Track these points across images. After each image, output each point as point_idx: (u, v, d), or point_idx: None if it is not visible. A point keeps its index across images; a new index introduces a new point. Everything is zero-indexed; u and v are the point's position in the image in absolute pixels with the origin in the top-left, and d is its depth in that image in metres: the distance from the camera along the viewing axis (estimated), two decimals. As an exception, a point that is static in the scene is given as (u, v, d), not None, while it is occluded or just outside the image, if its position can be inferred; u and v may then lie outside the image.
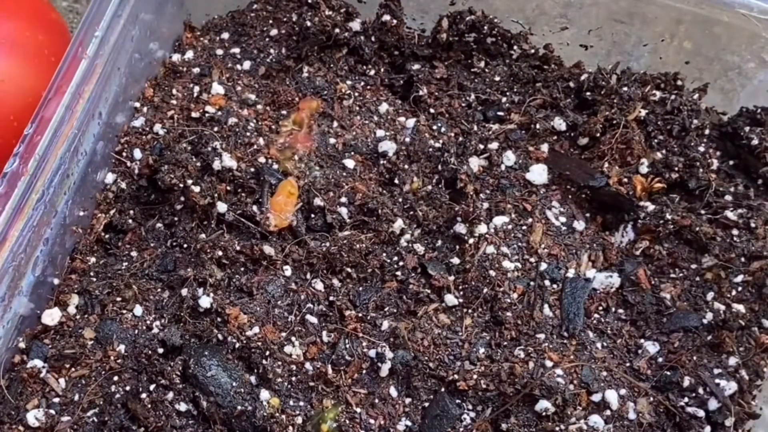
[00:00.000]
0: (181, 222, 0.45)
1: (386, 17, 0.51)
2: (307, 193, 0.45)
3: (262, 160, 0.46)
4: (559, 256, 0.45)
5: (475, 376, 0.41)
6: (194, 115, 0.48)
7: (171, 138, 0.47)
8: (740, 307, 0.43)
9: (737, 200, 0.46)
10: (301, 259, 0.44)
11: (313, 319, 0.43)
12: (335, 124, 0.49)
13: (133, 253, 0.45)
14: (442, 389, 0.41)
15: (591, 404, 0.41)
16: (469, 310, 0.43)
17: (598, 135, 0.48)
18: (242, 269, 0.44)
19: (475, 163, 0.47)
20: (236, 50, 0.51)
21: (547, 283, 0.44)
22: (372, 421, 0.40)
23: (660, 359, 0.43)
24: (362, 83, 0.51)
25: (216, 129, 0.46)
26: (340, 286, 0.44)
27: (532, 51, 0.51)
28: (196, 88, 0.49)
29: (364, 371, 0.41)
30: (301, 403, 0.41)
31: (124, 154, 0.48)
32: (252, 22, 0.52)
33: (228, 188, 0.45)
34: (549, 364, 0.41)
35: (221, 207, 0.44)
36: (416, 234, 0.46)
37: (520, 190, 0.47)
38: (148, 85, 0.50)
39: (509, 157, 0.48)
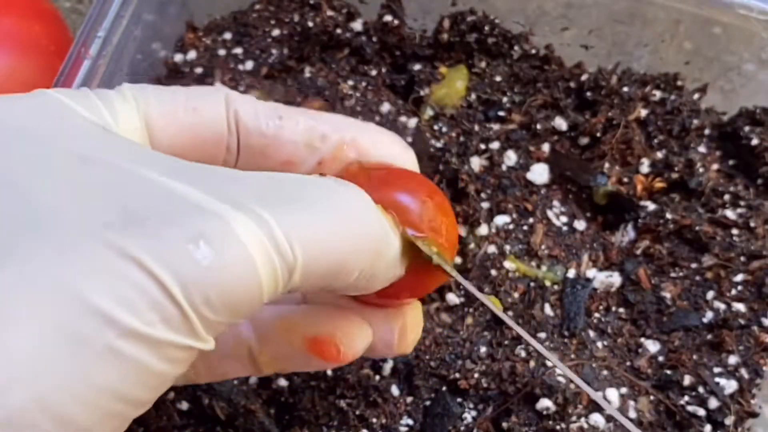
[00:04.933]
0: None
1: (388, 18, 0.51)
2: (309, 192, 0.45)
3: (264, 159, 0.46)
4: (559, 256, 0.45)
5: (476, 375, 0.41)
6: (196, 115, 0.48)
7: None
8: (740, 306, 0.43)
9: (737, 200, 0.46)
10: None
11: (315, 318, 0.43)
12: (337, 124, 0.49)
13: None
14: (444, 388, 0.42)
15: (592, 403, 0.41)
16: (471, 309, 0.44)
17: (599, 135, 0.48)
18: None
19: (476, 162, 0.47)
20: (238, 50, 0.51)
21: (547, 282, 0.44)
22: (374, 419, 0.40)
23: (660, 358, 0.43)
24: (364, 83, 0.51)
25: (218, 129, 0.47)
26: (342, 286, 0.44)
27: (533, 51, 0.51)
28: (199, 89, 0.49)
29: (365, 370, 0.42)
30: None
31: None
32: (254, 23, 0.52)
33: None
34: (550, 363, 0.41)
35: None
36: (418, 233, 0.46)
37: (521, 189, 0.47)
38: (151, 85, 0.50)
39: (510, 157, 0.48)
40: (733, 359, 0.42)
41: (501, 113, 0.50)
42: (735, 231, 0.45)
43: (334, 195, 0.25)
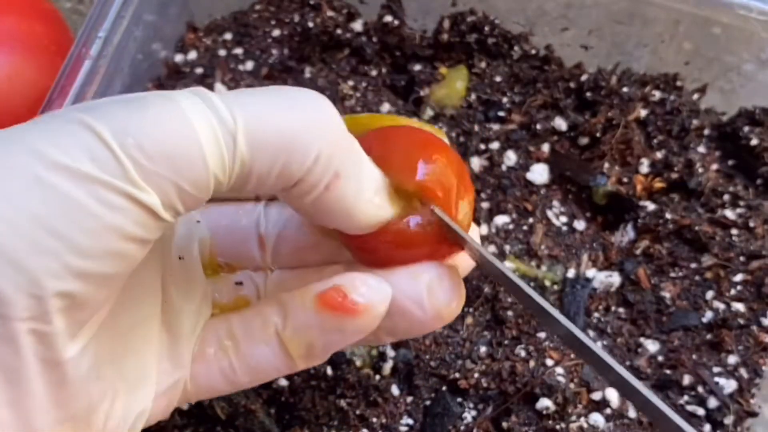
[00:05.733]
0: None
1: (388, 18, 0.51)
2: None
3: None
4: (559, 256, 0.45)
5: (476, 375, 0.41)
6: (197, 115, 0.48)
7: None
8: (739, 306, 0.43)
9: (736, 200, 0.46)
10: (303, 259, 0.44)
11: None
12: (337, 124, 0.49)
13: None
14: (444, 388, 0.42)
15: (591, 402, 0.41)
16: (471, 309, 0.44)
17: (599, 135, 0.48)
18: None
19: (476, 163, 0.47)
20: (239, 51, 0.52)
21: (547, 282, 0.44)
22: (374, 419, 0.40)
23: (660, 358, 0.43)
24: (364, 84, 0.51)
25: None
26: (342, 286, 0.44)
27: (533, 52, 0.51)
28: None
29: (365, 369, 0.42)
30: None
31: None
32: (254, 23, 0.53)
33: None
34: (550, 362, 0.41)
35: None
36: (418, 233, 0.46)
37: (521, 189, 0.47)
38: (152, 85, 0.50)
39: (510, 157, 0.48)
40: (732, 359, 0.42)
41: (501, 113, 0.50)
42: (734, 231, 0.45)
43: (288, 87, 0.27)
